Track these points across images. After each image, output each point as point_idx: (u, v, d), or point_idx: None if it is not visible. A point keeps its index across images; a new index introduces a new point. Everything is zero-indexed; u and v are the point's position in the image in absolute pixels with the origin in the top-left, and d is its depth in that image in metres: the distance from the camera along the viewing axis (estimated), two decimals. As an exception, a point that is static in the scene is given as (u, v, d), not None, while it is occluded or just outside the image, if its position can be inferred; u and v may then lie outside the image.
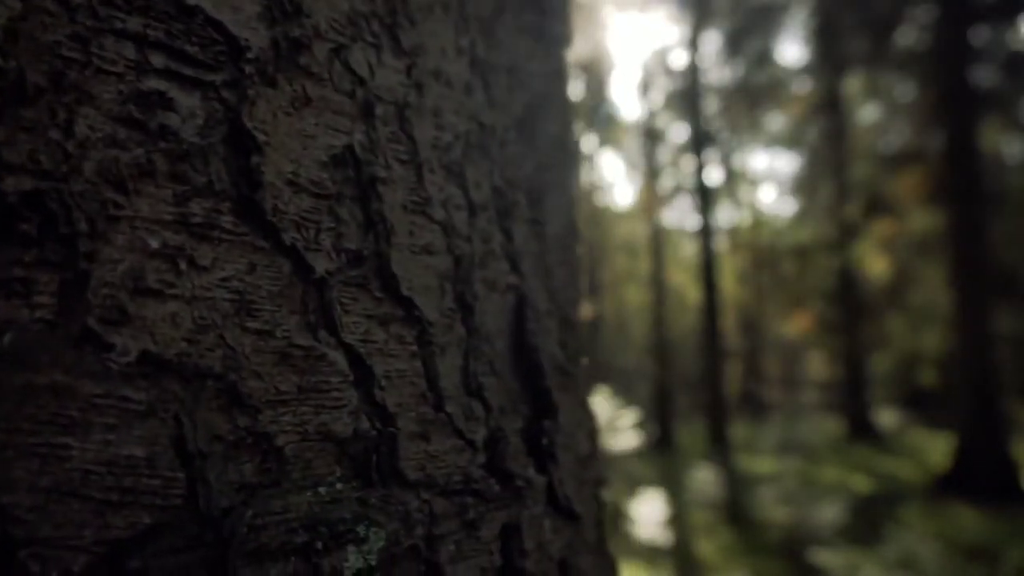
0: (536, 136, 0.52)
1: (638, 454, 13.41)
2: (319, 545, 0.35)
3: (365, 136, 0.40)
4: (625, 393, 19.13)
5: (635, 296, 25.24)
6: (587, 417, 0.57)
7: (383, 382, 0.39)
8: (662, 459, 13.55)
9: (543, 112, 0.54)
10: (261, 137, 0.36)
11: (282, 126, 0.37)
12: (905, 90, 15.34)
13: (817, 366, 24.12)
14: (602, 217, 27.04)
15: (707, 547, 8.22)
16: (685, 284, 24.72)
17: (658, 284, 15.22)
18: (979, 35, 12.66)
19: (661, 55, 18.49)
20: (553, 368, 0.48)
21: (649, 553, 7.61)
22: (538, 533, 0.43)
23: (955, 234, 10.59)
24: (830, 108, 16.20)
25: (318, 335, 0.37)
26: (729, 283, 26.37)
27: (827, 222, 18.15)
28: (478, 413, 0.41)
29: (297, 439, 0.36)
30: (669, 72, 14.18)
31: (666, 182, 28.42)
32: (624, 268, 27.67)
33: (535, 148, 0.51)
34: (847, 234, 15.36)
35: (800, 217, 23.37)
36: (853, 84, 17.21)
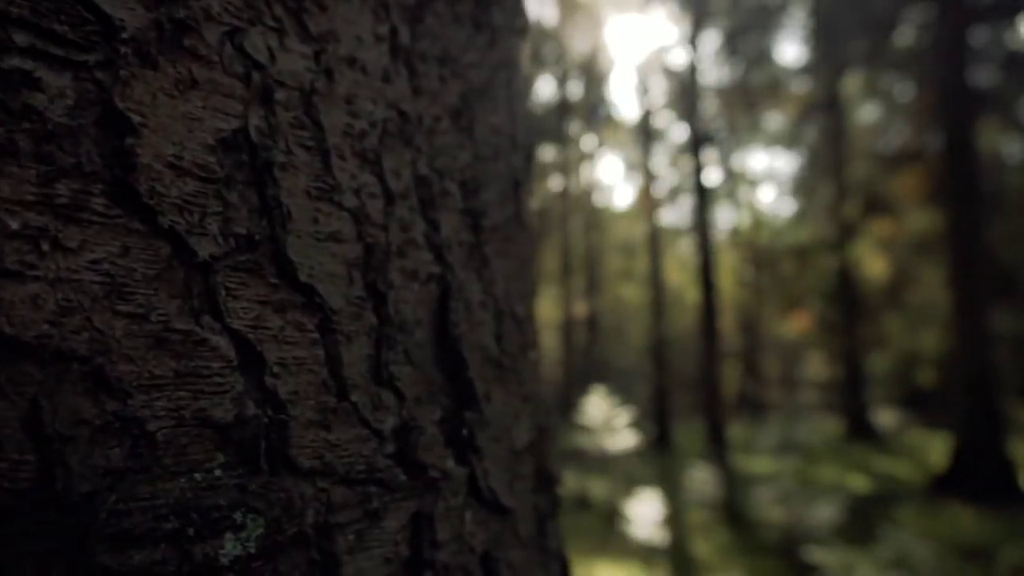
0: (475, 127, 0.51)
1: (636, 454, 13.39)
2: (190, 532, 0.34)
3: (263, 121, 0.39)
4: (624, 393, 19.10)
5: (634, 296, 25.23)
6: (530, 411, 0.56)
7: (276, 369, 0.38)
8: (660, 459, 13.54)
9: (484, 102, 0.53)
10: (136, 119, 0.36)
11: (163, 108, 0.37)
12: (904, 90, 15.33)
13: (816, 366, 24.09)
14: (601, 217, 27.04)
15: (703, 546, 8.21)
16: (684, 284, 24.70)
17: (656, 284, 15.21)
18: (977, 35, 12.66)
19: (660, 55, 18.49)
20: (484, 360, 0.47)
21: (645, 552, 7.61)
22: (456, 525, 0.42)
23: (953, 234, 10.58)
24: (828, 108, 16.18)
25: (200, 320, 0.37)
26: (728, 283, 26.35)
27: (826, 222, 18.13)
28: (388, 403, 0.40)
29: (172, 424, 0.35)
30: (668, 72, 14.17)
31: (665, 182, 28.42)
32: (623, 268, 27.65)
33: (473, 139, 0.51)
34: (846, 234, 15.35)
35: (799, 217, 23.36)
36: (852, 84, 17.21)
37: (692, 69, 14.01)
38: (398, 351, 0.41)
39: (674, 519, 9.23)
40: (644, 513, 7.79)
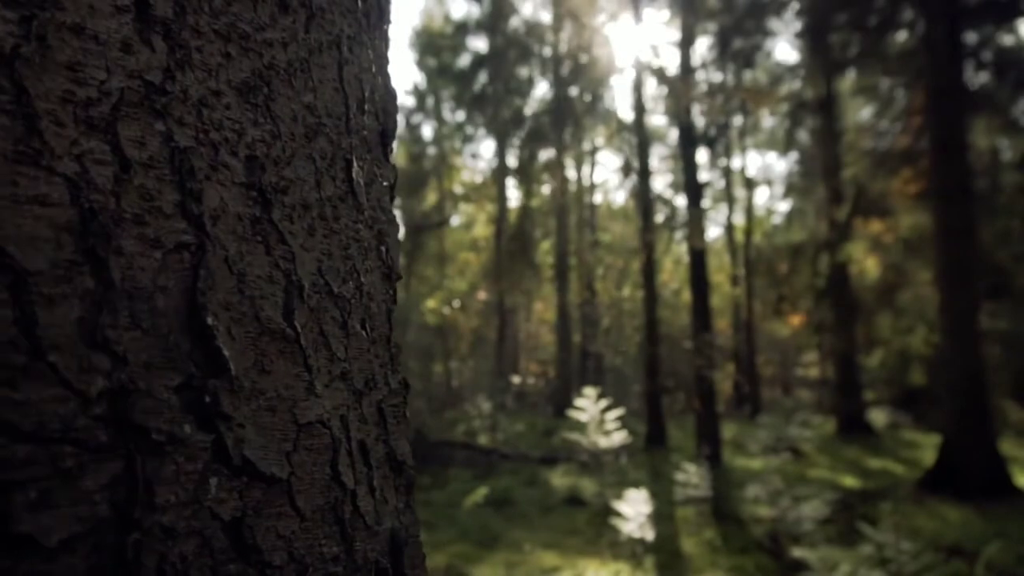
0: (273, 104, 0.53)
1: (629, 452, 13.43)
2: None
3: None
4: (619, 392, 19.14)
5: (630, 295, 25.23)
6: (348, 388, 0.58)
7: None
8: (653, 457, 13.56)
9: (292, 81, 0.55)
10: None
11: None
12: (897, 89, 15.33)
13: (810, 365, 24.09)
14: (596, 216, 27.06)
15: (691, 544, 8.23)
16: (680, 283, 24.71)
17: (649, 283, 15.21)
18: (970, 34, 12.67)
19: (653, 54, 18.49)
20: (260, 332, 0.49)
21: (634, 550, 7.63)
22: (190, 490, 0.42)
23: (943, 233, 10.60)
24: (821, 108, 16.19)
25: None
26: (723, 283, 26.37)
27: (819, 222, 18.14)
28: (101, 365, 0.40)
29: None
30: (661, 71, 14.18)
31: (659, 181, 28.39)
32: (619, 267, 27.66)
33: (271, 116, 0.52)
34: (839, 234, 15.36)
35: (793, 217, 23.39)
36: (844, 83, 17.22)
37: (685, 69, 14.03)
38: (121, 315, 0.42)
39: (664, 517, 9.26)
40: (633, 510, 7.82)
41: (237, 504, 0.45)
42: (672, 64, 16.11)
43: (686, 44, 13.76)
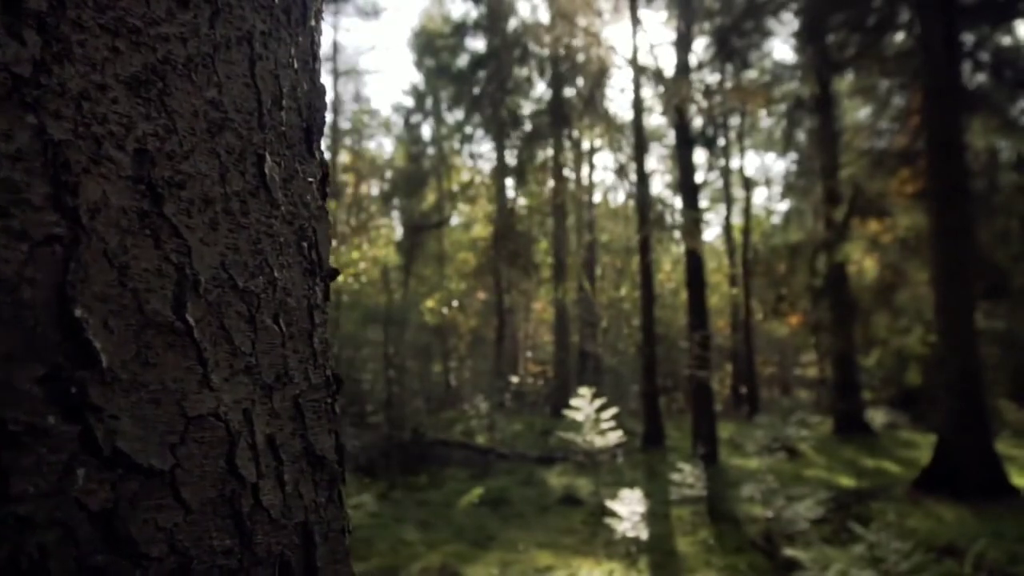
0: (168, 99, 0.53)
1: (626, 452, 13.43)
2: None
3: None
4: (618, 392, 19.13)
5: (628, 295, 25.23)
6: (254, 381, 0.58)
7: None
8: (650, 457, 13.56)
9: (192, 76, 0.55)
10: None
11: None
12: (894, 89, 15.32)
13: (808, 365, 24.09)
14: (594, 216, 27.05)
15: (685, 543, 8.23)
16: (679, 283, 24.70)
17: (646, 282, 15.21)
18: (968, 34, 12.66)
19: (651, 54, 18.48)
20: (143, 325, 0.49)
21: (629, 549, 7.63)
22: (54, 481, 0.43)
23: (939, 233, 10.59)
24: (818, 108, 16.19)
25: None
26: (723, 283, 26.36)
27: (817, 222, 18.13)
28: None
29: None
30: (659, 71, 14.18)
31: (658, 181, 28.36)
32: (617, 267, 27.66)
33: (166, 111, 0.53)
34: (836, 234, 15.35)
35: (791, 217, 23.38)
36: (842, 83, 17.21)
37: (682, 69, 14.02)
38: None
39: (659, 516, 9.26)
40: (629, 510, 7.82)
41: (109, 495, 0.45)
42: (669, 64, 16.12)
43: (683, 44, 13.76)
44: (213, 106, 0.56)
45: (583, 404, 9.90)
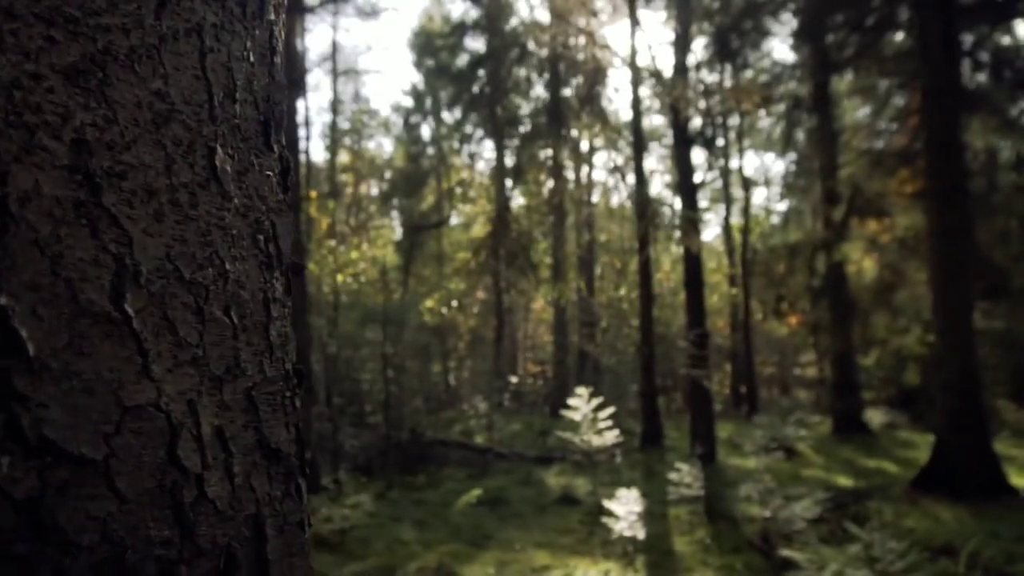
0: (109, 90, 0.53)
1: (625, 451, 13.43)
2: None
3: None
4: (617, 392, 19.14)
5: (628, 295, 25.21)
6: (203, 372, 0.58)
7: None
8: (648, 456, 13.56)
9: (135, 67, 0.55)
10: None
11: None
12: (893, 89, 15.31)
13: (809, 365, 24.08)
14: (594, 216, 27.04)
15: (682, 543, 8.23)
16: (678, 283, 24.69)
17: (645, 281, 15.21)
18: (967, 34, 12.65)
19: (650, 54, 18.49)
20: (76, 314, 0.49)
21: (625, 548, 7.63)
22: None
23: (937, 233, 10.59)
24: (817, 107, 16.18)
25: None
26: (722, 283, 26.36)
27: (816, 221, 18.13)
28: None
29: None
30: (658, 71, 14.18)
31: (657, 181, 28.35)
32: (617, 267, 27.66)
33: (107, 101, 0.52)
34: (835, 234, 15.35)
35: (790, 217, 23.38)
36: (841, 83, 17.21)
37: (680, 68, 14.02)
38: None
39: (656, 516, 9.26)
40: (626, 510, 7.82)
41: (35, 484, 0.45)
42: (668, 64, 16.11)
43: (681, 44, 13.76)
44: (159, 97, 0.56)
45: (580, 404, 9.90)
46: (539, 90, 22.16)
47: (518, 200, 24.68)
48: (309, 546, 0.74)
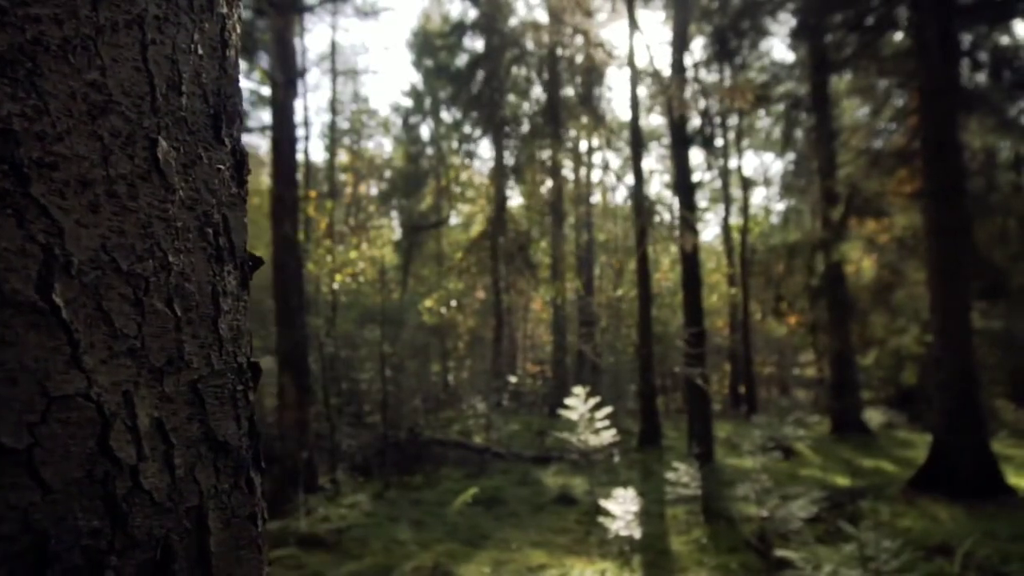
0: (39, 80, 0.53)
1: (623, 451, 13.43)
2: None
3: None
4: (616, 391, 19.13)
5: (627, 295, 25.21)
6: (140, 364, 0.58)
7: None
8: (646, 456, 13.56)
9: (55, 58, 0.54)
10: None
11: None
12: (893, 89, 15.29)
13: (808, 365, 24.07)
14: (593, 216, 27.04)
15: (679, 542, 8.23)
16: (677, 283, 24.65)
17: (644, 282, 15.20)
18: (966, 34, 12.64)
19: (649, 54, 18.49)
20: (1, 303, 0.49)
21: (621, 548, 7.63)
22: None
23: (935, 232, 10.58)
24: (815, 107, 16.18)
25: None
26: (721, 282, 26.35)
27: (815, 221, 18.12)
28: None
29: None
30: (656, 71, 14.17)
31: (657, 181, 28.36)
32: (616, 267, 27.65)
33: (34, 91, 0.52)
34: (834, 234, 15.34)
35: (789, 216, 23.38)
36: (840, 83, 17.20)
37: (677, 68, 14.01)
38: None
39: (654, 515, 9.26)
40: (623, 509, 7.82)
41: None
42: (666, 64, 16.09)
43: (679, 43, 13.75)
44: (95, 88, 0.56)
45: (577, 403, 9.89)
46: (538, 90, 22.17)
47: (517, 200, 24.70)
48: (263, 540, 0.74)
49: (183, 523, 0.60)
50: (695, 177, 15.83)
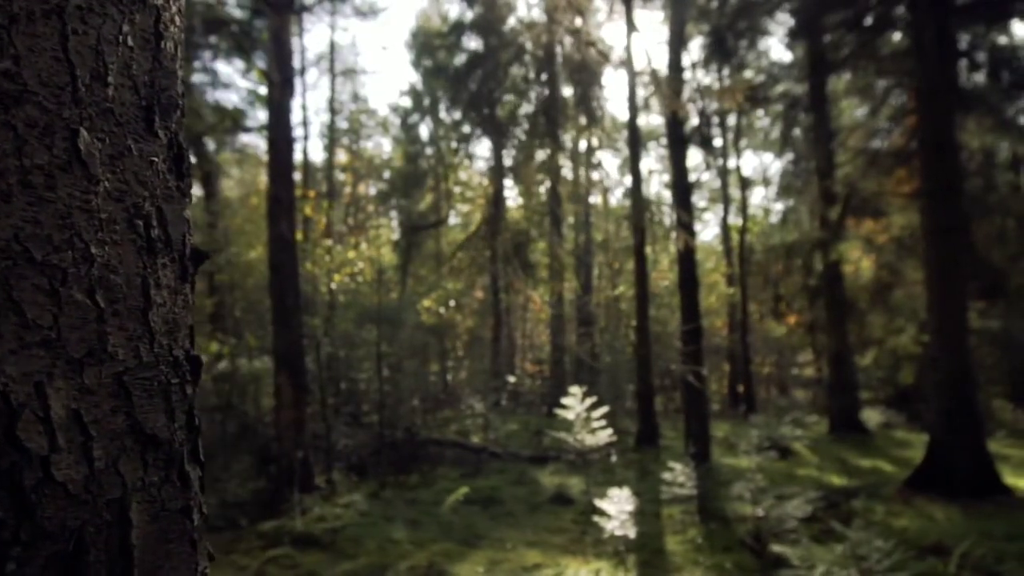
0: None
1: (621, 451, 13.43)
2: None
3: None
4: (614, 391, 19.12)
5: (625, 295, 25.21)
6: (58, 355, 0.58)
7: None
8: (644, 456, 13.56)
9: None
10: None
11: None
12: (891, 89, 15.28)
13: (806, 365, 24.06)
14: (591, 216, 27.02)
15: (674, 542, 8.23)
16: (674, 284, 24.62)
17: (641, 282, 15.19)
18: (964, 34, 12.62)
19: (646, 54, 18.48)
20: None
21: (616, 548, 7.62)
22: None
23: (933, 232, 10.57)
24: (813, 107, 16.17)
25: None
26: (720, 282, 26.33)
27: (813, 221, 18.11)
28: None
29: None
30: (654, 71, 14.16)
31: (656, 181, 28.36)
32: (615, 267, 27.64)
33: None
34: (832, 234, 15.33)
35: (788, 216, 23.36)
36: (839, 83, 17.19)
37: (674, 68, 14.00)
38: None
39: (649, 515, 9.25)
40: (618, 509, 7.81)
41: None
42: (664, 64, 16.09)
43: (676, 43, 13.74)
44: (8, 78, 0.56)
45: (574, 403, 9.88)
46: (536, 90, 22.15)
47: (516, 199, 24.69)
48: (199, 534, 0.74)
49: (102, 515, 0.59)
50: (693, 177, 15.81)
